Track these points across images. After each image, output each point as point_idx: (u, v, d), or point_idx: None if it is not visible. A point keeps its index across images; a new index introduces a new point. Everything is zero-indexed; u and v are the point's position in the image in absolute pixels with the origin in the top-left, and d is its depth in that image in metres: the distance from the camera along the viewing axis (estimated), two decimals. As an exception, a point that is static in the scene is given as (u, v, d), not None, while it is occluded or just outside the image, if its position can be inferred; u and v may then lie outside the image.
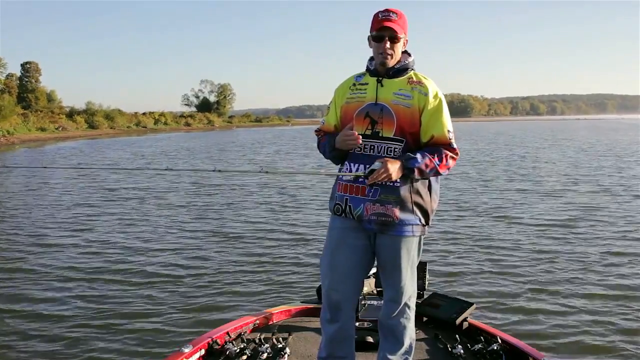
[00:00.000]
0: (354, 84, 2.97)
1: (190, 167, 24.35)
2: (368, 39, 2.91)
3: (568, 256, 8.22)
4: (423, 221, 2.89)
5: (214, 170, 3.25)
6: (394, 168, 2.71)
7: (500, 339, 3.49)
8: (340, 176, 2.93)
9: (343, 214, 2.91)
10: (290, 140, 48.75)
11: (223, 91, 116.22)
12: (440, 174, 2.87)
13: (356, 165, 2.86)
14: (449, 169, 2.86)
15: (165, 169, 5.11)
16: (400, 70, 2.88)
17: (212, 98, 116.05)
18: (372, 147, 2.83)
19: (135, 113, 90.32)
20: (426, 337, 3.73)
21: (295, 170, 22.25)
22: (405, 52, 2.92)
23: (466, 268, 7.66)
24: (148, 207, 13.06)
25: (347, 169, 2.91)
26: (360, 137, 2.82)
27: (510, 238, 9.49)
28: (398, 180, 2.78)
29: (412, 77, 2.87)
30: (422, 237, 2.96)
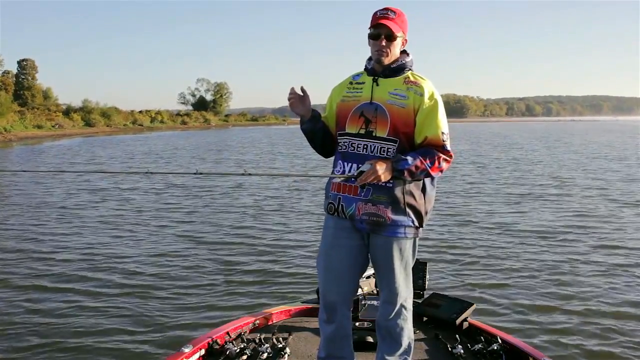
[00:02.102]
0: (351, 83, 2.96)
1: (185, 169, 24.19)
2: (368, 37, 2.90)
3: (568, 258, 8.24)
4: (416, 223, 2.87)
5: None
6: (383, 169, 2.68)
7: (500, 339, 3.49)
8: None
9: (336, 213, 2.90)
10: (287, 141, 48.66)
11: (219, 90, 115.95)
12: (431, 176, 2.85)
13: (349, 164, 2.84)
14: (441, 171, 2.83)
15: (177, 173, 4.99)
16: (397, 69, 2.86)
17: (209, 97, 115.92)
18: (365, 147, 2.81)
19: (132, 111, 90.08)
20: (426, 337, 3.73)
21: (287, 173, 22.19)
22: (403, 52, 2.90)
23: (466, 268, 7.68)
24: (144, 208, 12.99)
25: (340, 167, 2.89)
26: (299, 91, 2.90)
27: (511, 239, 9.51)
28: (391, 181, 2.76)
29: (408, 77, 2.85)
30: (417, 239, 2.94)
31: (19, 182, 18.00)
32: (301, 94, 2.92)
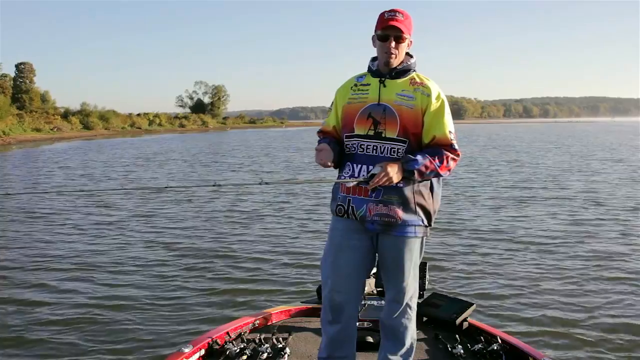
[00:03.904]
0: (356, 85, 2.96)
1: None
2: (372, 38, 2.90)
3: (568, 257, 8.24)
4: (425, 222, 2.90)
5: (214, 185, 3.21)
6: (394, 171, 2.71)
7: (500, 339, 3.49)
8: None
9: (345, 215, 2.90)
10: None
11: (217, 92, 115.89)
12: (441, 176, 2.88)
13: (359, 166, 2.85)
14: (449, 170, 2.86)
15: (165, 187, 4.88)
16: (403, 71, 2.88)
17: (207, 99, 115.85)
18: (375, 148, 2.83)
19: (130, 114, 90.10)
20: (426, 337, 3.74)
21: (296, 180, 22.06)
22: (407, 54, 2.92)
23: (466, 268, 7.68)
24: (140, 213, 12.89)
25: (349, 169, 2.89)
26: (331, 165, 2.89)
27: (511, 239, 9.51)
28: (401, 181, 2.78)
29: (414, 78, 2.88)
30: (424, 238, 2.97)
31: (9, 187, 17.95)
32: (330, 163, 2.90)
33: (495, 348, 3.38)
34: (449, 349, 3.47)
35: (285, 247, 9.03)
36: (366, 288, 4.17)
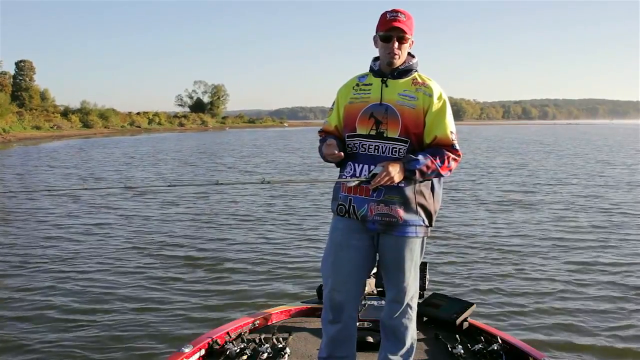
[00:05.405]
0: (358, 84, 2.96)
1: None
2: (374, 39, 2.90)
3: (568, 257, 8.27)
4: (426, 222, 2.90)
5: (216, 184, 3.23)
6: (395, 171, 2.71)
7: (500, 339, 3.49)
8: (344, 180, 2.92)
9: (346, 215, 2.90)
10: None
11: (217, 92, 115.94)
12: (442, 176, 2.88)
13: (360, 165, 2.86)
14: (450, 170, 2.86)
15: (169, 185, 4.88)
16: (405, 71, 2.88)
17: (206, 99, 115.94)
18: (376, 148, 2.83)
19: (130, 113, 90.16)
20: (426, 337, 3.73)
21: (298, 179, 22.00)
22: (409, 54, 2.92)
23: (466, 268, 7.69)
24: (138, 213, 12.90)
25: (350, 169, 2.90)
26: (342, 154, 2.87)
27: (511, 238, 9.55)
28: (402, 181, 2.78)
29: (416, 79, 2.88)
30: (425, 238, 2.97)
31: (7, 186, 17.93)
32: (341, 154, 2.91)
33: (495, 348, 3.38)
34: (449, 349, 3.47)
35: (285, 247, 9.04)
36: (366, 288, 4.18)
